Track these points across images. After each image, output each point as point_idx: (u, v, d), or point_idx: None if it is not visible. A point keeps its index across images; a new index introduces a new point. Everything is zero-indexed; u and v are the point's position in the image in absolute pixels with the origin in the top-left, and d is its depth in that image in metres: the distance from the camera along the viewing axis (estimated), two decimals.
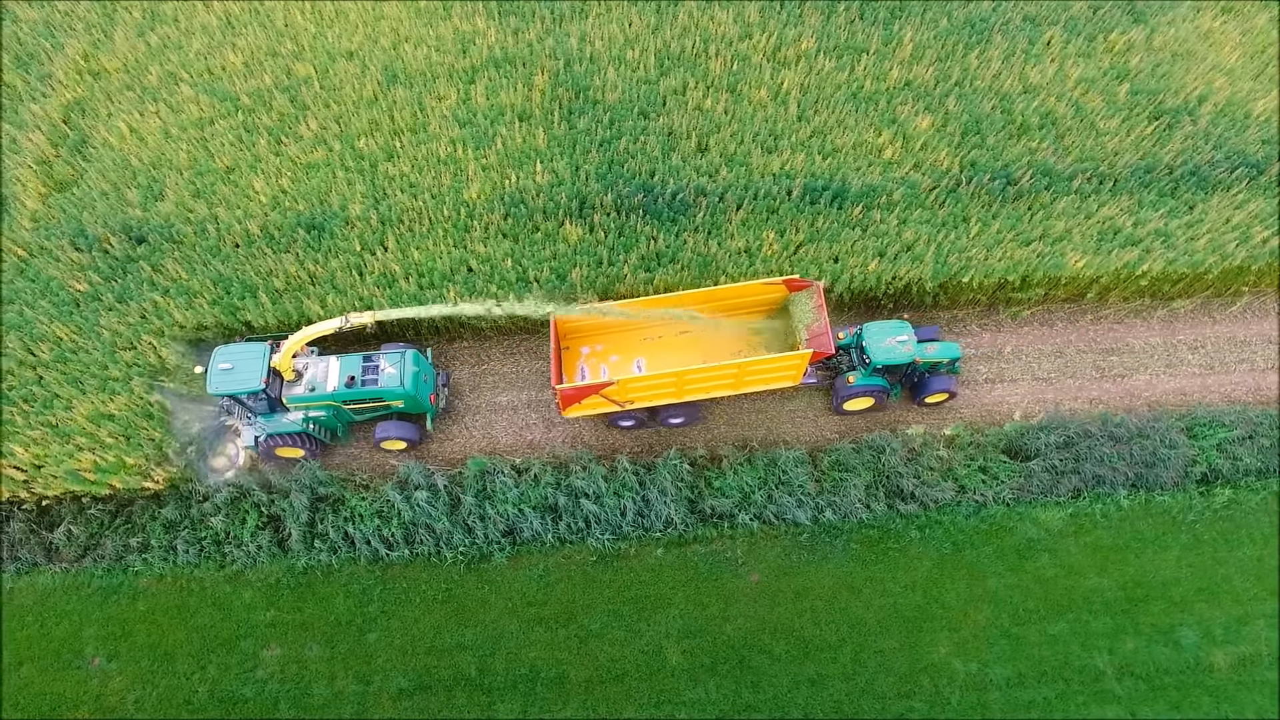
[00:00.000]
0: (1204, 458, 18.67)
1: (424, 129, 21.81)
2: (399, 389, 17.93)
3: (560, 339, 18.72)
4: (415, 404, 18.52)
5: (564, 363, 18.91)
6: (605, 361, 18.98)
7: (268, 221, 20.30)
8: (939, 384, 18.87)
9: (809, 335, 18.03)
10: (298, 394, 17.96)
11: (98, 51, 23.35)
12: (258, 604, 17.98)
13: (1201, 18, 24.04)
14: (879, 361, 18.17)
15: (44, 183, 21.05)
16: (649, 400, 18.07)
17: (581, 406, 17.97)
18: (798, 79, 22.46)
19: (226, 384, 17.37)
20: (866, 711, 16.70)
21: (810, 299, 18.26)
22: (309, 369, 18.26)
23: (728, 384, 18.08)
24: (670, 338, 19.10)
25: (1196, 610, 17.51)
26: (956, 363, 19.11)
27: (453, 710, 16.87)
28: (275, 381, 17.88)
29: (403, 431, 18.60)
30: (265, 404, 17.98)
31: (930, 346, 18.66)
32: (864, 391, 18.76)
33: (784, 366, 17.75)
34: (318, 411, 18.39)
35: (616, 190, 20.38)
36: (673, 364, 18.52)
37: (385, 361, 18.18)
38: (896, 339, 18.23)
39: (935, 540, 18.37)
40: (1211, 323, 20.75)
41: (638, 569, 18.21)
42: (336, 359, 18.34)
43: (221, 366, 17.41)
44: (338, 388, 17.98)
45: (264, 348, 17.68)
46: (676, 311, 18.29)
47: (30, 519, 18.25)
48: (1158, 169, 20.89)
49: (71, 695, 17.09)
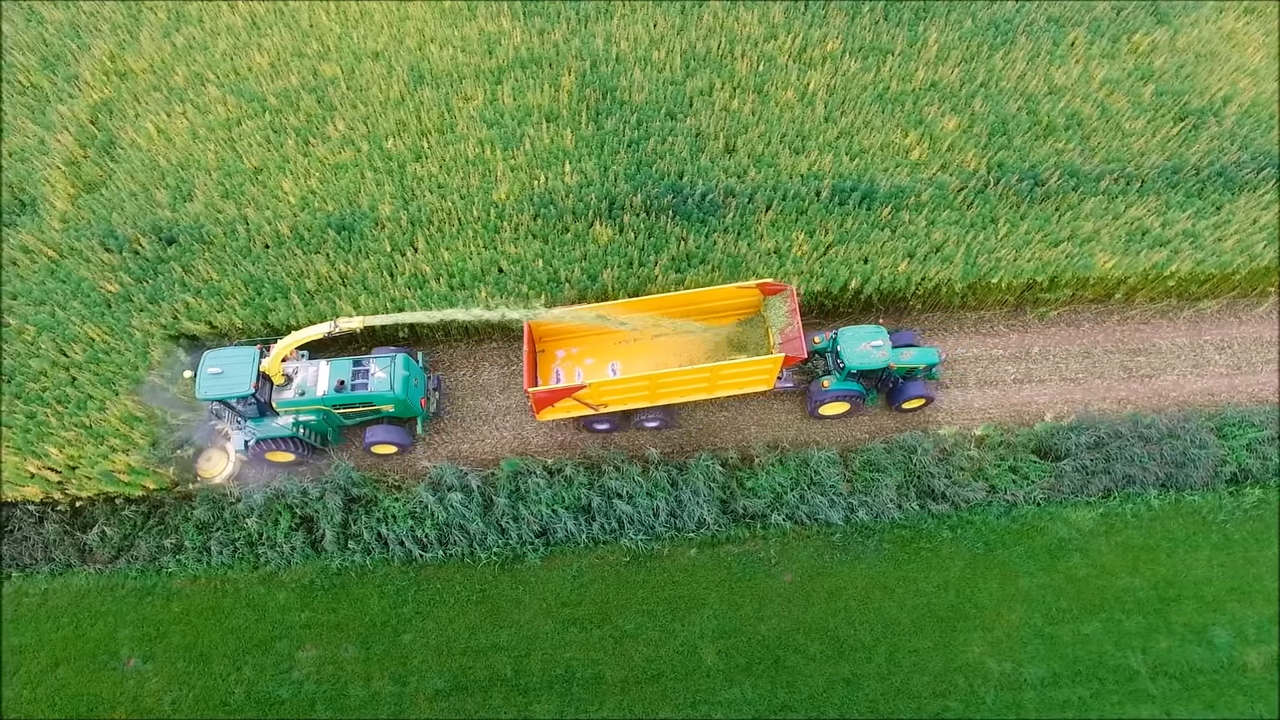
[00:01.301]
0: (1234, 457, 18.76)
1: (451, 130, 21.83)
2: (389, 393, 17.82)
3: (535, 342, 18.70)
4: (405, 408, 18.41)
5: (539, 366, 18.90)
6: (580, 365, 18.93)
7: (297, 222, 20.31)
8: (915, 390, 18.78)
9: (782, 339, 17.99)
10: (287, 398, 17.86)
11: (124, 52, 23.33)
12: (292, 605, 18.01)
13: (1224, 19, 24.10)
14: (853, 366, 18.14)
15: (73, 184, 21.03)
16: (622, 404, 18.07)
17: (555, 410, 17.98)
18: (824, 80, 22.50)
19: (215, 389, 17.22)
20: (902, 711, 16.77)
21: (784, 303, 18.21)
22: (299, 373, 18.15)
23: (701, 388, 18.05)
24: (646, 341, 18.98)
25: (1229, 610, 17.58)
26: (935, 368, 18.99)
27: (489, 711, 16.91)
28: (265, 386, 17.72)
29: (393, 435, 18.50)
30: (255, 408, 17.81)
31: (906, 352, 18.56)
32: (838, 396, 18.69)
33: (757, 370, 17.74)
34: (308, 416, 18.23)
35: (646, 191, 20.40)
36: (648, 367, 18.48)
37: (375, 366, 18.08)
38: (871, 344, 18.18)
39: (967, 540, 18.44)
40: (1238, 323, 20.82)
41: (671, 569, 18.25)
42: (326, 363, 18.24)
43: (211, 371, 17.28)
44: (328, 392, 17.88)
45: (253, 352, 17.54)
46: (641, 319, 18.17)
47: (64, 520, 18.26)
48: (1184, 170, 20.96)
49: (108, 696, 17.12)
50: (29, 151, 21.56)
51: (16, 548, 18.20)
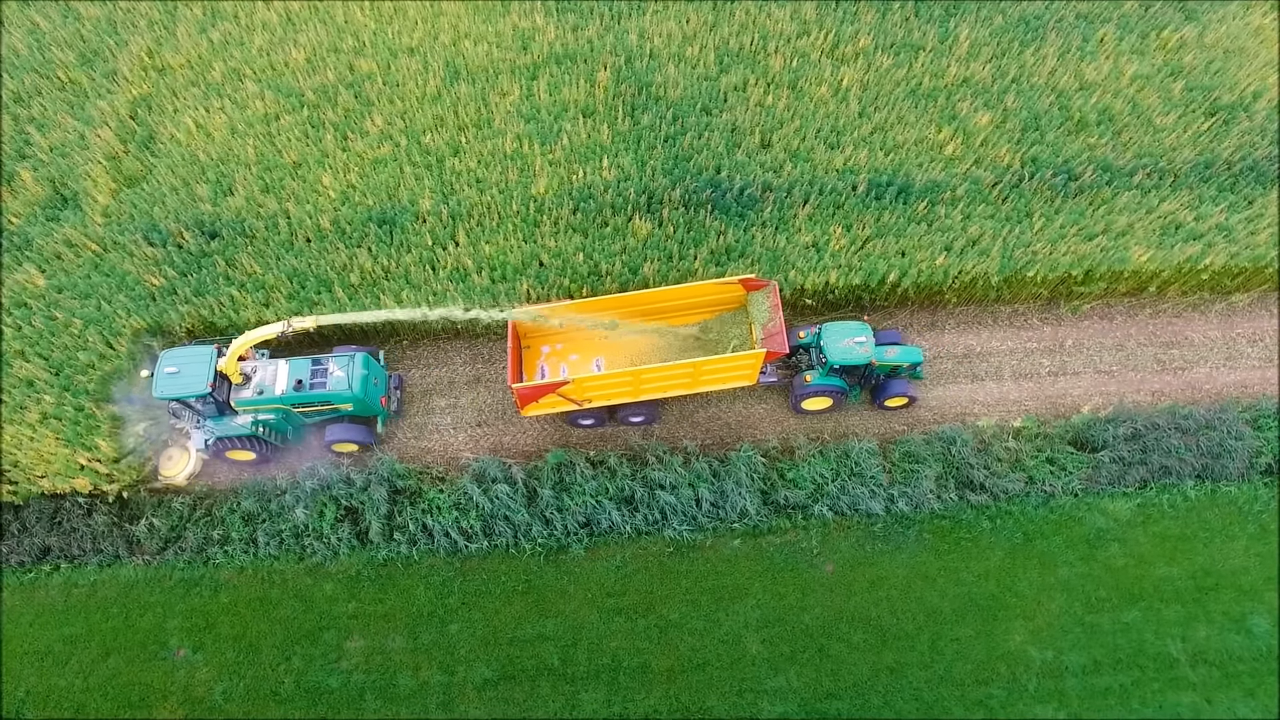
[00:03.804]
0: (1269, 449, 18.97)
1: (488, 125, 21.96)
2: (347, 392, 17.85)
3: (520, 338, 18.82)
4: (365, 407, 18.46)
5: (525, 361, 19.01)
6: (565, 360, 19.04)
7: (338, 216, 20.46)
8: (898, 388, 18.94)
9: (764, 335, 18.18)
10: (246, 397, 17.90)
11: (161, 49, 23.43)
12: (339, 596, 18.19)
13: (1251, 15, 24.27)
14: (835, 361, 18.30)
15: (114, 178, 21.15)
16: (606, 399, 18.19)
17: (539, 405, 18.10)
18: (857, 76, 22.66)
19: (172, 388, 17.32)
20: (946, 698, 16.98)
21: (766, 299, 18.39)
22: (258, 372, 18.16)
23: (684, 383, 18.19)
24: (630, 337, 19.04)
25: (1266, 599, 17.79)
26: (918, 368, 19.14)
27: (537, 699, 17.10)
28: (223, 385, 17.75)
29: (353, 434, 18.55)
30: (213, 407, 17.86)
31: (890, 350, 18.70)
32: (820, 391, 18.85)
33: (739, 365, 17.91)
34: (267, 415, 18.29)
35: (684, 186, 20.57)
36: (632, 363, 18.60)
37: (334, 365, 18.09)
38: (854, 340, 18.33)
39: (1006, 530, 18.64)
40: (1269, 316, 21.02)
41: (714, 560, 18.44)
42: (285, 362, 18.24)
43: (168, 370, 17.37)
44: (286, 391, 17.90)
45: (211, 351, 17.60)
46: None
47: (113, 512, 18.41)
48: (1216, 164, 21.14)
49: (159, 686, 17.30)
50: (69, 147, 21.67)
51: (65, 539, 18.37)
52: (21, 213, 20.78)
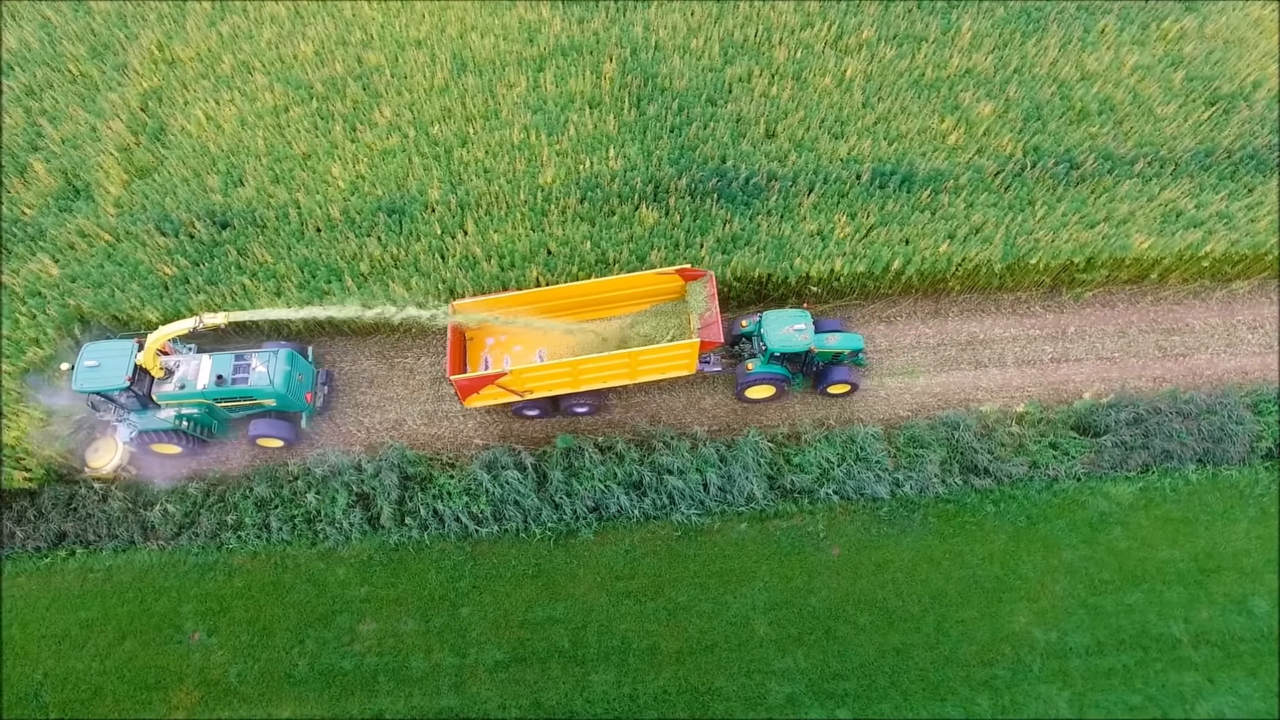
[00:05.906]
0: (1270, 433, 19.20)
1: (496, 116, 22.19)
2: (269, 388, 17.92)
3: (463, 331, 18.93)
4: (288, 403, 18.51)
5: (469, 353, 19.09)
6: (509, 352, 19.04)
7: (348, 206, 20.68)
8: (839, 375, 19.09)
9: (701, 324, 18.35)
10: (168, 391, 17.95)
11: (171, 42, 23.66)
12: (351, 580, 18.39)
13: (1251, 6, 24.50)
14: (775, 349, 18.45)
15: (125, 169, 21.37)
16: (546, 390, 18.31)
17: (481, 396, 18.18)
18: (860, 67, 22.89)
19: (92, 381, 17.41)
20: (951, 679, 17.18)
21: (703, 288, 18.54)
22: (180, 366, 18.20)
23: (622, 373, 18.28)
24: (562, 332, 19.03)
25: (1266, 580, 18.01)
26: (860, 354, 19.37)
27: (548, 681, 17.31)
28: (143, 379, 17.82)
29: (276, 430, 18.63)
30: (135, 401, 17.95)
31: (831, 337, 18.86)
32: (762, 379, 18.98)
33: (675, 355, 18.04)
34: (190, 409, 18.39)
35: (690, 175, 20.79)
36: (574, 354, 18.59)
37: (256, 360, 18.13)
38: (793, 327, 18.44)
39: (1010, 514, 18.86)
40: (1269, 303, 21.24)
41: (721, 543, 18.66)
42: (209, 357, 18.28)
43: (87, 364, 17.45)
44: (208, 386, 17.94)
45: (131, 345, 17.65)
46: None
47: (128, 498, 18.63)
48: (1217, 153, 21.37)
49: (175, 668, 17.51)
50: (81, 138, 21.90)
51: (81, 525, 18.57)
52: (35, 204, 21.00)
